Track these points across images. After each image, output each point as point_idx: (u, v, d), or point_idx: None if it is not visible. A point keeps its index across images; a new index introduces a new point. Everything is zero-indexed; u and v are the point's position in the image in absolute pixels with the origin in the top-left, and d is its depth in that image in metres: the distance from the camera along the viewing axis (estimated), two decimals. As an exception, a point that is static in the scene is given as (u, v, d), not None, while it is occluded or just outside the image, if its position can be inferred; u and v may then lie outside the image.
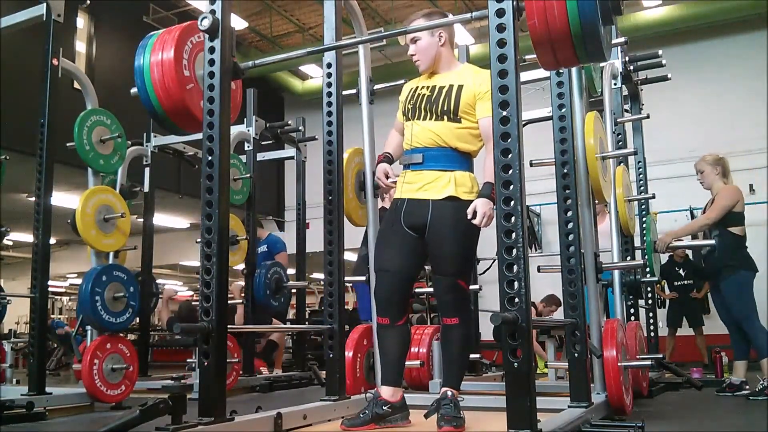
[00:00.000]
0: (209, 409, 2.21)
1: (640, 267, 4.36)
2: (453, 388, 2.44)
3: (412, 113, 2.57)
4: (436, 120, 2.49)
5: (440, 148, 2.48)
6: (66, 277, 15.38)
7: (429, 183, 2.48)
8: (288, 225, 11.64)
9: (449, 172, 2.47)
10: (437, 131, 2.49)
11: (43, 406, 3.57)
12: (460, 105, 2.47)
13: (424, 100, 2.54)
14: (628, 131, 5.48)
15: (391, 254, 2.53)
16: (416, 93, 2.59)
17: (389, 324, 2.55)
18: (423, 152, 2.50)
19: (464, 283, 2.49)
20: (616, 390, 2.98)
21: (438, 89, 2.53)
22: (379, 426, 2.45)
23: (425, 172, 2.49)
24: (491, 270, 6.10)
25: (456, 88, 2.50)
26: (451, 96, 2.49)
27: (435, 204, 2.45)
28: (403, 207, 2.53)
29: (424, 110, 2.52)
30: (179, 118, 2.50)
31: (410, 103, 2.59)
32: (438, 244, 2.44)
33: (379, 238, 2.67)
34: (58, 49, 3.96)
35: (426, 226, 2.46)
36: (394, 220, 2.55)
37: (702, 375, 5.28)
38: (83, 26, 8.61)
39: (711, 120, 9.11)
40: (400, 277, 2.53)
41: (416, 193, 2.50)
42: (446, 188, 2.45)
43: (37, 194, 3.85)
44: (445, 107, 2.48)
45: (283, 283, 5.66)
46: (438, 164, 2.48)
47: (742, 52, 9.06)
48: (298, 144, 6.54)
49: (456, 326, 2.47)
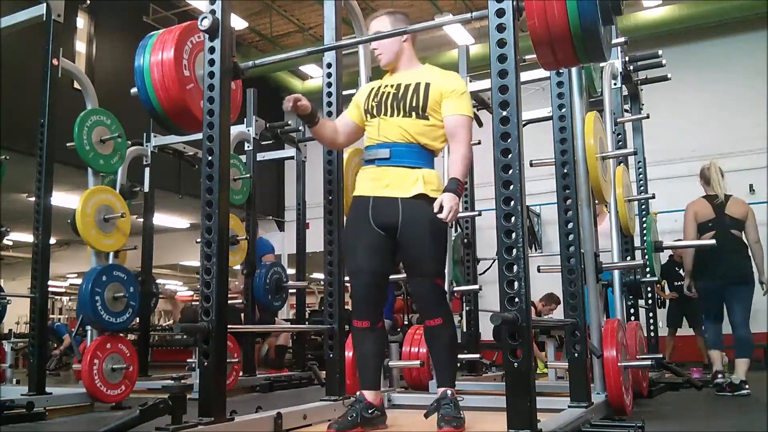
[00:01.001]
0: (209, 409, 2.21)
1: (640, 267, 4.36)
2: (449, 386, 2.43)
3: (377, 110, 2.52)
4: (404, 117, 2.46)
5: (408, 144, 2.45)
6: (66, 277, 15.38)
7: (397, 180, 2.43)
8: (288, 225, 11.64)
9: (417, 170, 2.43)
10: (406, 127, 2.45)
11: (43, 406, 3.57)
12: (428, 102, 2.45)
13: (390, 97, 2.51)
14: (628, 131, 5.47)
15: (363, 255, 2.47)
16: (380, 91, 2.55)
17: (369, 327, 2.50)
18: (390, 147, 2.46)
19: (442, 282, 2.48)
20: (616, 390, 2.98)
21: (404, 87, 2.50)
22: (366, 429, 2.44)
23: (392, 168, 2.45)
24: (491, 270, 6.11)
25: (423, 86, 2.48)
26: (419, 93, 2.46)
27: (405, 202, 2.40)
28: (369, 205, 2.47)
29: (391, 107, 2.49)
30: (179, 118, 2.50)
31: (374, 100, 2.54)
32: (414, 245, 2.41)
33: (348, 239, 2.59)
34: (58, 49, 3.96)
35: (397, 226, 2.41)
36: (360, 219, 2.49)
37: (702, 375, 5.28)
38: (83, 26, 8.61)
39: (711, 120, 9.11)
40: (374, 277, 2.49)
41: (383, 190, 2.44)
42: (415, 186, 2.40)
43: (37, 194, 3.85)
44: (413, 103, 2.46)
45: (283, 283, 5.67)
46: (405, 160, 2.44)
47: (742, 52, 9.06)
48: (298, 144, 6.54)
49: (441, 326, 2.45)
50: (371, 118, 2.55)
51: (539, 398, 1.94)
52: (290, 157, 6.78)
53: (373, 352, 2.54)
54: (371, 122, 2.56)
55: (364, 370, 2.55)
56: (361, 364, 2.57)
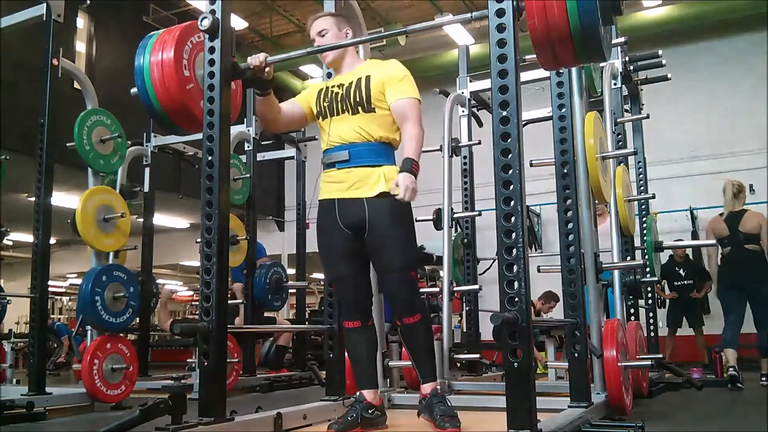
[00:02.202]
0: (209, 409, 2.21)
1: (640, 267, 4.36)
2: (433, 381, 2.44)
3: (329, 111, 2.53)
4: (353, 114, 2.47)
5: (365, 143, 2.45)
6: (66, 277, 15.37)
7: (359, 181, 2.43)
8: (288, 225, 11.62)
9: (377, 168, 2.44)
10: (359, 124, 2.46)
11: (43, 406, 3.57)
12: (371, 94, 2.45)
13: (338, 97, 2.52)
14: (628, 131, 5.48)
15: (339, 261, 2.50)
16: (329, 92, 2.56)
17: (361, 326, 2.53)
18: (348, 149, 2.46)
19: (415, 275, 2.46)
20: (616, 390, 2.98)
21: (348, 85, 2.52)
22: (366, 430, 2.43)
23: (354, 169, 2.45)
24: (491, 270, 6.11)
25: (364, 80, 2.49)
26: (361, 87, 2.47)
27: (370, 202, 2.41)
28: (335, 207, 2.48)
29: (339, 106, 2.50)
30: (179, 118, 2.50)
31: (325, 101, 2.55)
32: (382, 240, 2.41)
33: (321, 245, 2.58)
34: (58, 49, 3.96)
35: (365, 225, 2.42)
36: (329, 223, 2.50)
37: (702, 375, 5.28)
38: (83, 26, 8.61)
39: (711, 120, 9.11)
40: (356, 279, 2.51)
41: (347, 192, 2.45)
42: (377, 185, 2.41)
43: (37, 194, 3.85)
44: (357, 98, 2.47)
45: (283, 283, 5.67)
46: (365, 160, 2.45)
47: (742, 52, 9.05)
48: (298, 144, 6.54)
49: (419, 323, 2.44)
50: (323, 119, 2.56)
51: (539, 398, 1.94)
52: (290, 157, 6.78)
53: (368, 351, 2.55)
54: (323, 124, 2.56)
55: (360, 370, 2.55)
56: (357, 364, 2.57)
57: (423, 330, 2.46)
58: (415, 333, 2.47)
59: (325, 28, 2.58)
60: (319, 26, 2.60)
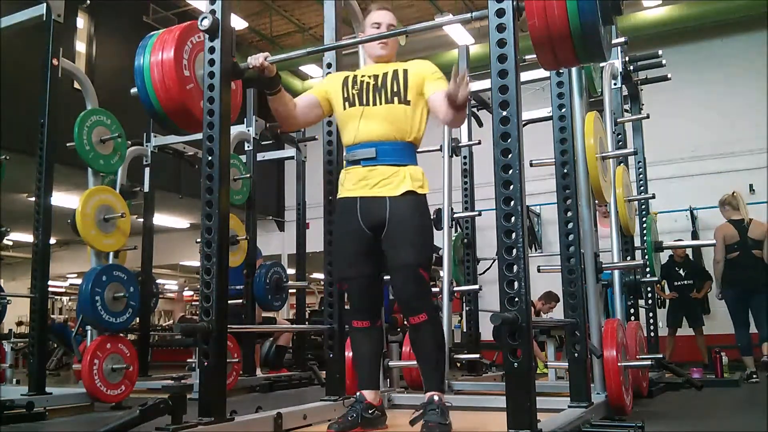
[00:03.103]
0: (209, 409, 2.21)
1: (640, 267, 4.37)
2: (437, 391, 2.34)
3: (359, 99, 2.49)
4: (387, 103, 2.45)
5: (392, 142, 2.43)
6: (66, 277, 15.37)
7: (385, 179, 2.41)
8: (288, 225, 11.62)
9: (403, 167, 2.42)
10: (388, 119, 2.44)
11: (43, 406, 3.56)
12: (408, 86, 2.45)
13: (371, 87, 2.49)
14: (628, 131, 5.48)
15: (355, 262, 2.47)
16: (359, 81, 2.53)
17: (369, 327, 2.50)
18: (375, 146, 2.43)
19: (426, 275, 2.39)
20: (616, 390, 2.98)
21: (383, 76, 2.49)
22: (366, 430, 2.42)
23: (379, 167, 2.42)
24: (491, 270, 6.11)
25: (402, 72, 2.48)
26: (399, 79, 2.46)
27: (392, 200, 2.39)
28: (357, 206, 2.44)
29: (374, 96, 2.47)
30: (179, 118, 2.50)
31: (354, 89, 2.51)
32: (398, 235, 2.37)
33: (337, 244, 2.58)
34: (58, 49, 3.96)
35: (384, 223, 2.39)
36: (349, 221, 2.46)
37: (702, 375, 5.28)
38: (83, 26, 8.60)
39: (711, 120, 9.10)
40: (369, 280, 2.48)
41: (371, 190, 2.42)
42: (403, 184, 2.39)
43: (37, 194, 3.85)
44: (395, 89, 2.45)
45: (283, 283, 5.67)
46: (391, 159, 2.42)
47: (742, 52, 9.05)
48: (298, 144, 6.54)
49: (425, 323, 2.35)
50: (350, 106, 2.51)
51: (539, 398, 1.94)
52: (290, 157, 6.78)
53: (373, 351, 2.53)
54: (349, 116, 2.51)
55: (362, 369, 2.54)
56: (360, 364, 2.56)
57: (429, 332, 2.37)
58: (420, 335, 2.39)
59: (393, 25, 2.56)
60: (389, 20, 2.57)
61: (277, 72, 2.49)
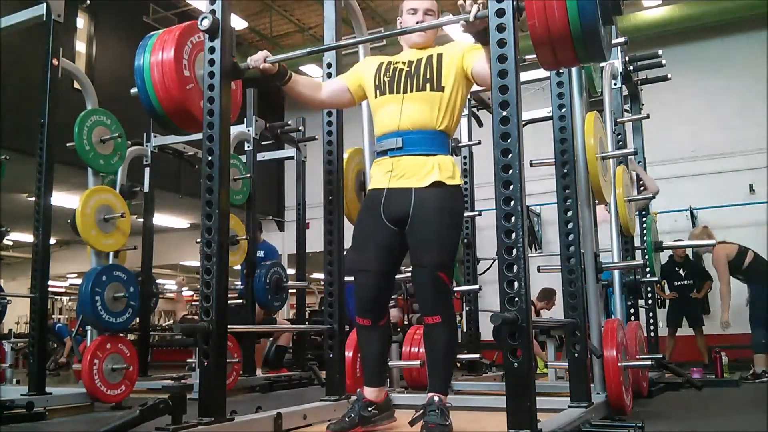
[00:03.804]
0: (209, 409, 2.21)
1: (640, 267, 4.37)
2: (440, 392, 2.30)
3: (390, 87, 2.43)
4: (418, 90, 2.38)
5: (420, 131, 2.36)
6: (66, 277, 15.38)
7: (411, 170, 2.34)
8: (288, 225, 11.64)
9: (432, 157, 2.34)
10: (418, 107, 2.36)
11: (43, 406, 3.56)
12: (443, 72, 2.37)
13: (404, 74, 2.43)
14: (628, 131, 5.48)
15: (371, 253, 2.40)
16: (392, 68, 2.47)
17: (371, 325, 2.45)
18: (402, 136, 2.36)
19: (446, 277, 2.31)
20: (616, 390, 2.98)
21: (416, 62, 2.43)
22: (366, 428, 2.40)
23: (405, 157, 2.36)
24: (491, 270, 6.10)
25: (436, 57, 2.41)
26: (432, 64, 2.40)
27: (418, 192, 2.32)
28: (382, 198, 2.38)
29: (405, 83, 2.41)
30: (179, 118, 2.50)
31: (386, 76, 2.45)
32: (420, 231, 2.30)
33: (357, 234, 2.50)
34: (58, 49, 3.96)
35: (408, 216, 2.32)
36: (373, 213, 2.41)
37: (702, 375, 5.28)
38: (83, 26, 8.60)
39: (711, 120, 9.11)
40: (382, 277, 2.42)
41: (397, 181, 2.36)
42: (430, 174, 2.32)
43: (37, 194, 3.85)
44: (427, 75, 2.38)
45: (283, 283, 5.67)
46: (419, 148, 2.35)
47: (742, 52, 9.05)
48: (298, 144, 6.54)
49: (438, 325, 2.31)
50: (380, 95, 2.46)
51: (539, 398, 1.94)
52: (290, 157, 6.78)
53: (375, 349, 2.49)
54: (379, 103, 2.46)
55: (365, 366, 2.54)
56: (363, 361, 2.56)
57: (441, 334, 2.32)
58: (432, 335, 2.34)
59: (432, 11, 2.49)
60: (427, 5, 2.49)
61: (281, 64, 2.47)
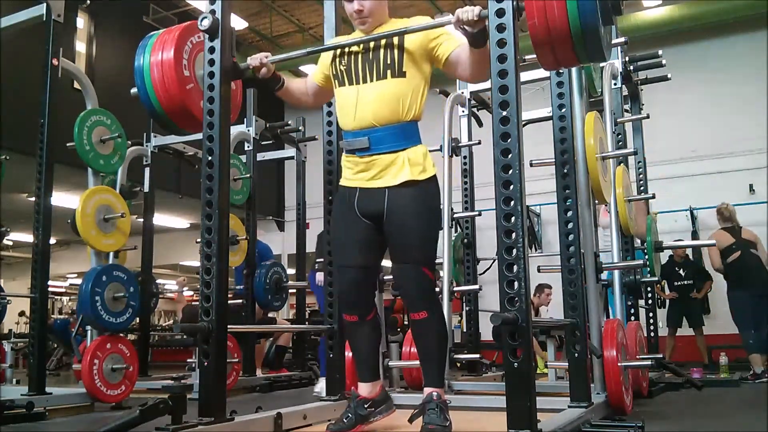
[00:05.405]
0: (209, 409, 2.21)
1: (640, 267, 4.36)
2: (436, 387, 2.27)
3: (348, 77, 2.31)
4: (378, 79, 2.26)
5: (387, 127, 2.25)
6: (66, 277, 15.37)
7: (383, 170, 2.27)
8: (288, 225, 11.63)
9: (401, 152, 2.26)
10: (381, 99, 2.25)
11: (43, 406, 3.56)
12: (404, 55, 2.24)
13: (360, 60, 2.29)
14: (628, 131, 5.48)
15: (351, 250, 2.36)
16: (344, 54, 2.34)
17: (358, 321, 2.40)
18: (368, 135, 2.26)
19: (429, 272, 2.28)
20: (616, 390, 2.98)
21: (374, 46, 2.28)
22: (366, 425, 2.38)
23: (375, 156, 2.28)
24: (491, 270, 6.10)
25: (397, 40, 2.26)
26: (393, 46, 2.25)
27: (391, 190, 2.26)
28: (355, 196, 2.33)
29: (363, 71, 2.29)
30: (179, 118, 2.50)
31: (342, 65, 2.32)
32: (398, 230, 2.25)
33: (334, 231, 2.48)
34: (58, 49, 3.96)
35: (383, 214, 2.27)
36: (346, 210, 2.36)
37: (702, 375, 5.28)
38: (83, 26, 8.60)
39: (711, 120, 9.10)
40: (364, 271, 2.37)
41: (369, 182, 2.30)
42: (401, 173, 2.25)
43: (37, 194, 3.85)
44: (387, 60, 2.25)
45: (283, 283, 5.67)
46: (386, 145, 2.26)
47: (742, 52, 9.05)
48: (298, 144, 6.54)
49: (425, 321, 2.27)
50: (340, 86, 2.36)
51: (539, 398, 1.94)
52: (290, 157, 6.78)
53: (365, 344, 2.45)
54: (341, 93, 2.36)
55: (357, 362, 2.51)
56: (355, 357, 2.55)
57: (429, 329, 2.30)
58: (420, 331, 2.32)
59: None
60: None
61: (275, 72, 2.47)
